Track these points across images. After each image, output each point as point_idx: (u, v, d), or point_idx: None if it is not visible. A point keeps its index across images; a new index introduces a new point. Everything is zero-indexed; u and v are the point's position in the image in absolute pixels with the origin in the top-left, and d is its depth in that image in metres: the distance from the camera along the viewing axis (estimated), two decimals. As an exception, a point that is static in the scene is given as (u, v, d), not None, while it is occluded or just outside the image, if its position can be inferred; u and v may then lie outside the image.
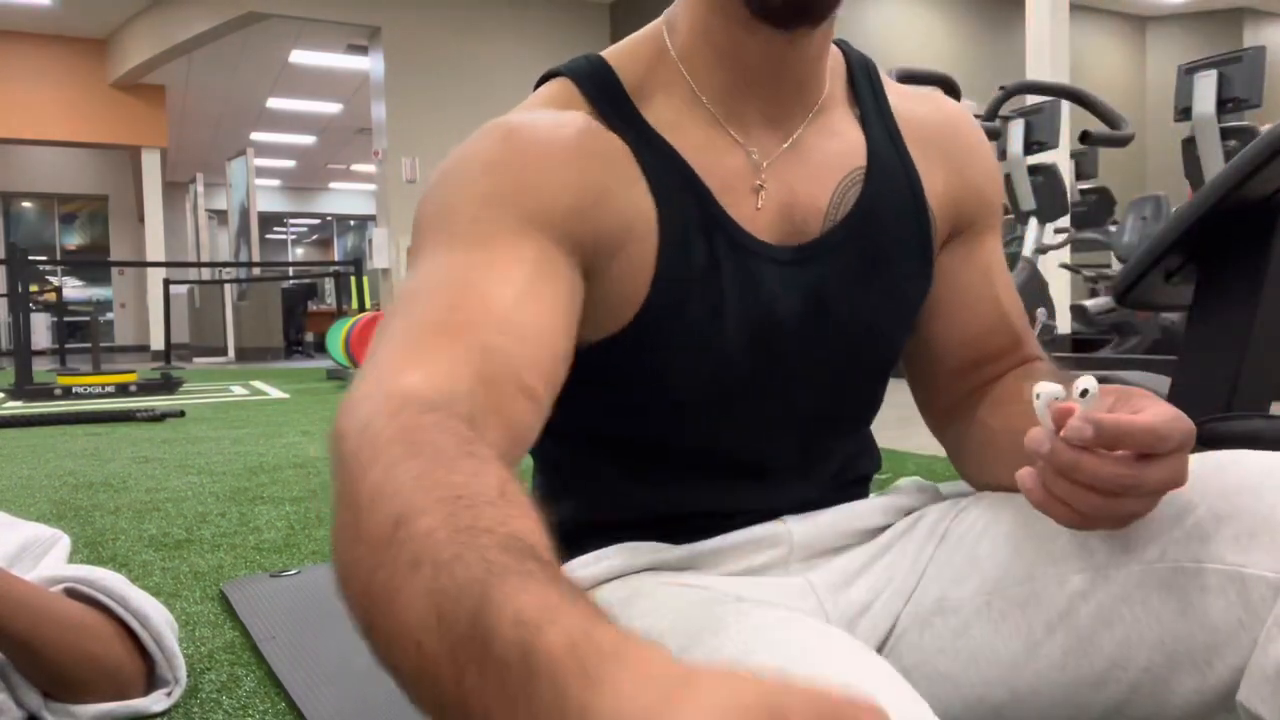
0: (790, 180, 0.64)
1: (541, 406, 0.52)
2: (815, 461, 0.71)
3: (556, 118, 0.62)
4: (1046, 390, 0.50)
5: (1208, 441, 1.11)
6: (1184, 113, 4.07)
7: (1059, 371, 0.71)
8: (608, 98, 0.63)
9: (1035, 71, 6.00)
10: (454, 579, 0.30)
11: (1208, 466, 0.56)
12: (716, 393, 0.64)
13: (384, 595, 0.32)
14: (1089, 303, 4.97)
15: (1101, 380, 0.75)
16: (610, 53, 0.67)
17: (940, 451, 0.80)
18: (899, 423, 0.75)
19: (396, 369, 0.49)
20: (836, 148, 0.66)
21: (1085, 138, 1.53)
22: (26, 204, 15.40)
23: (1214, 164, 3.92)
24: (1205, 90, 3.94)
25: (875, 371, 0.72)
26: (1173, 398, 1.33)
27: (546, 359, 0.53)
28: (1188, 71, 4.06)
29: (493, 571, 0.29)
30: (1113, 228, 5.54)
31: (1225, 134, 3.96)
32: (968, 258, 0.73)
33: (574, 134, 0.60)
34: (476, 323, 0.51)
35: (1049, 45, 5.95)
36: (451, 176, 0.59)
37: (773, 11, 0.57)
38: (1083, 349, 5.29)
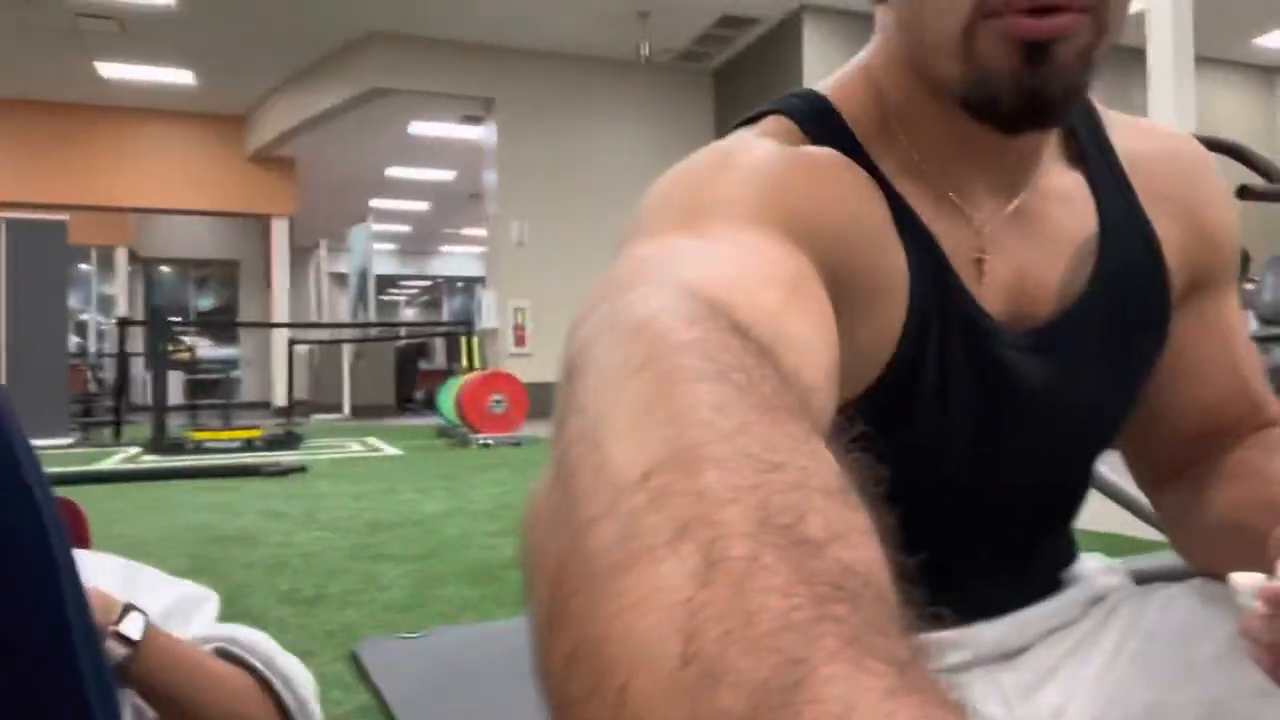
0: (1017, 253, 0.59)
1: (829, 406, 0.39)
2: (1018, 560, 0.66)
3: (808, 146, 0.56)
4: (1244, 584, 0.47)
5: None
6: (1330, 166, 3.85)
7: None
8: (840, 144, 0.56)
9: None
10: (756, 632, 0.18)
11: None
12: (929, 477, 0.58)
13: (620, 596, 0.20)
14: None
15: None
16: (828, 91, 0.61)
17: (1113, 529, 0.75)
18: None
19: (683, 274, 0.37)
20: (1065, 214, 0.60)
21: (1244, 193, 1.45)
22: (165, 269, 16.48)
23: (1367, 219, 3.69)
24: (1354, 142, 3.72)
25: (1094, 457, 0.67)
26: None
27: (828, 361, 0.40)
28: (1332, 123, 3.85)
29: (815, 642, 0.18)
30: (1249, 286, 5.25)
31: (1378, 187, 3.72)
32: (1202, 317, 0.66)
33: (837, 159, 0.55)
34: (753, 285, 0.38)
35: (1173, 100, 5.75)
36: (694, 177, 0.51)
37: (998, 118, 0.52)
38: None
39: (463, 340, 8.25)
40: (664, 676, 0.18)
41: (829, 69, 0.63)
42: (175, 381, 13.00)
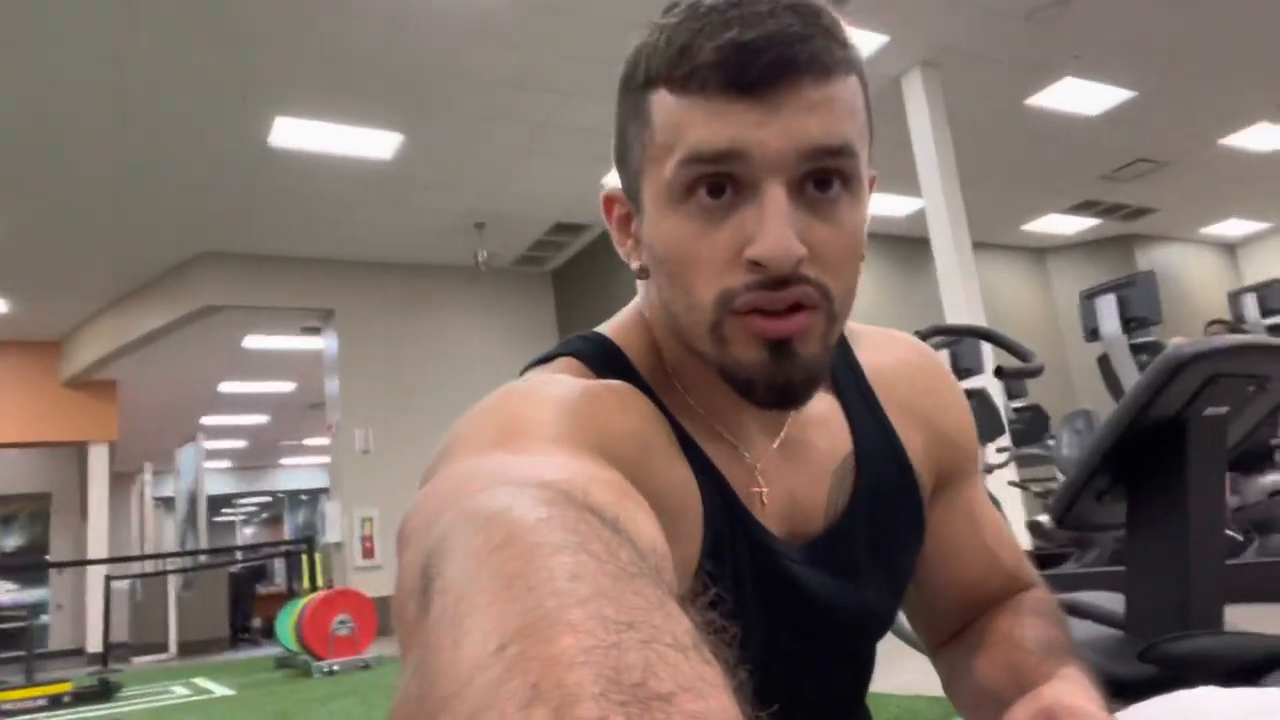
0: (787, 480, 0.65)
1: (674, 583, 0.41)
2: None
3: (603, 380, 0.60)
4: None
5: (1162, 662, 1.11)
6: (1093, 333, 4.37)
7: (1050, 600, 0.73)
8: (629, 381, 0.61)
9: (950, 307, 6.43)
10: None
11: (1171, 712, 0.57)
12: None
13: None
14: (1043, 518, 5.03)
15: (1065, 605, 0.77)
16: (612, 334, 0.66)
17: (922, 690, 0.80)
18: (878, 663, 0.75)
19: (523, 475, 0.38)
20: (823, 438, 0.67)
21: (999, 373, 1.65)
22: (-36, 507, 14.96)
23: (1129, 378, 4.16)
24: (1108, 313, 4.26)
25: (873, 644, 0.73)
26: (1128, 618, 1.34)
27: (666, 549, 0.41)
28: (1088, 297, 4.40)
29: None
30: (1051, 442, 5.74)
31: (1135, 350, 4.24)
32: (951, 508, 0.74)
33: (631, 390, 0.59)
34: (588, 484, 0.38)
35: (960, 281, 6.43)
36: (502, 408, 0.52)
37: (752, 400, 0.58)
38: (1046, 565, 5.28)
39: (304, 558, 7.80)
40: None
41: None
42: (-31, 635, 11.53)
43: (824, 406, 0.68)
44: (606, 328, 0.68)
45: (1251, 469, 4.03)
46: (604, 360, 0.64)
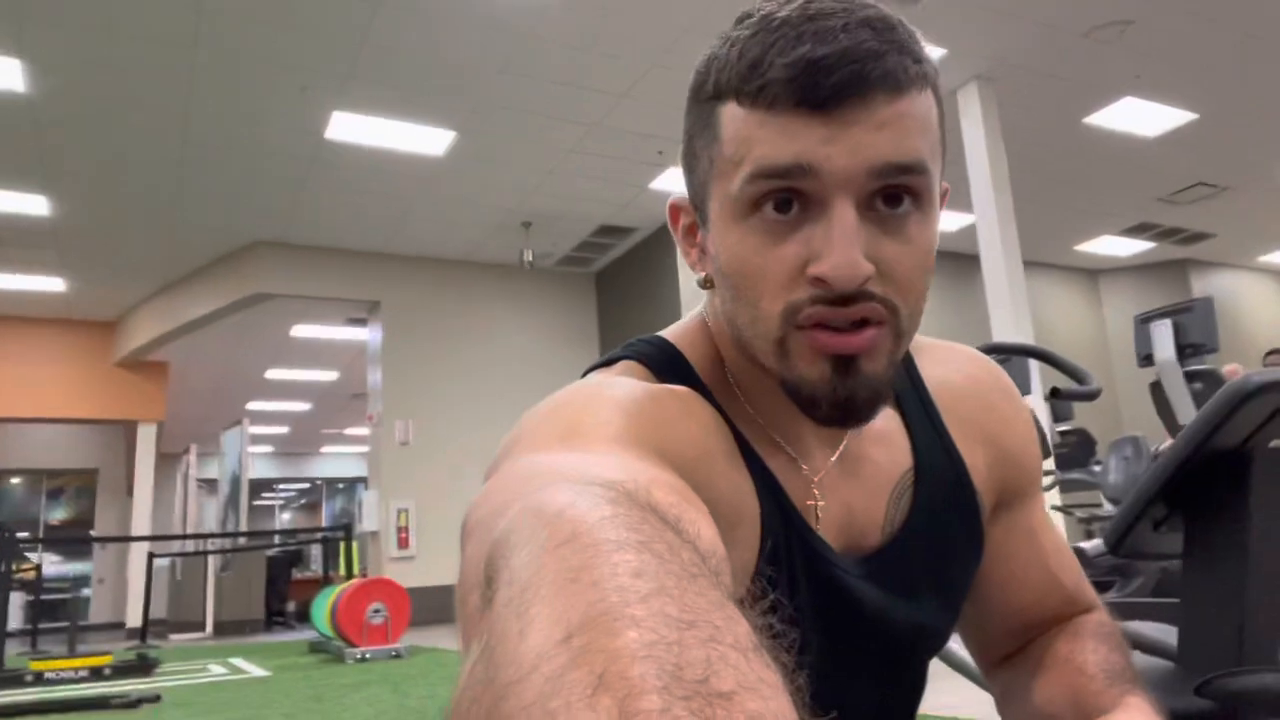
0: (845, 494, 0.65)
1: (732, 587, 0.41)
2: None
3: (666, 384, 0.60)
4: None
5: (1219, 698, 1.09)
6: (1146, 359, 4.29)
7: (1112, 624, 0.72)
8: (690, 386, 0.61)
9: (999, 326, 6.34)
10: None
11: None
12: None
13: None
14: (1087, 545, 4.93)
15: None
16: (674, 340, 0.66)
17: (961, 712, 0.80)
18: None
19: (586, 473, 0.38)
20: (883, 454, 0.67)
21: (1055, 394, 1.63)
22: (15, 479, 15.38)
23: (1183, 405, 4.08)
24: (1163, 338, 4.18)
25: (926, 661, 0.72)
26: (1182, 651, 1.32)
27: (724, 552, 0.41)
28: (1144, 321, 4.32)
29: None
30: (1096, 467, 5.64)
31: (1189, 377, 4.15)
32: (1012, 527, 0.73)
33: (693, 395, 0.59)
34: (649, 485, 0.38)
35: (1009, 301, 6.34)
36: (566, 406, 0.53)
37: (814, 417, 0.58)
38: (1086, 592, 5.20)
39: (341, 545, 7.91)
40: None
41: None
42: (15, 603, 11.86)
43: (885, 421, 0.68)
44: (669, 333, 0.68)
45: (1306, 504, 3.93)
46: (667, 365, 0.64)
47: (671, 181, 7.92)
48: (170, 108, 6.24)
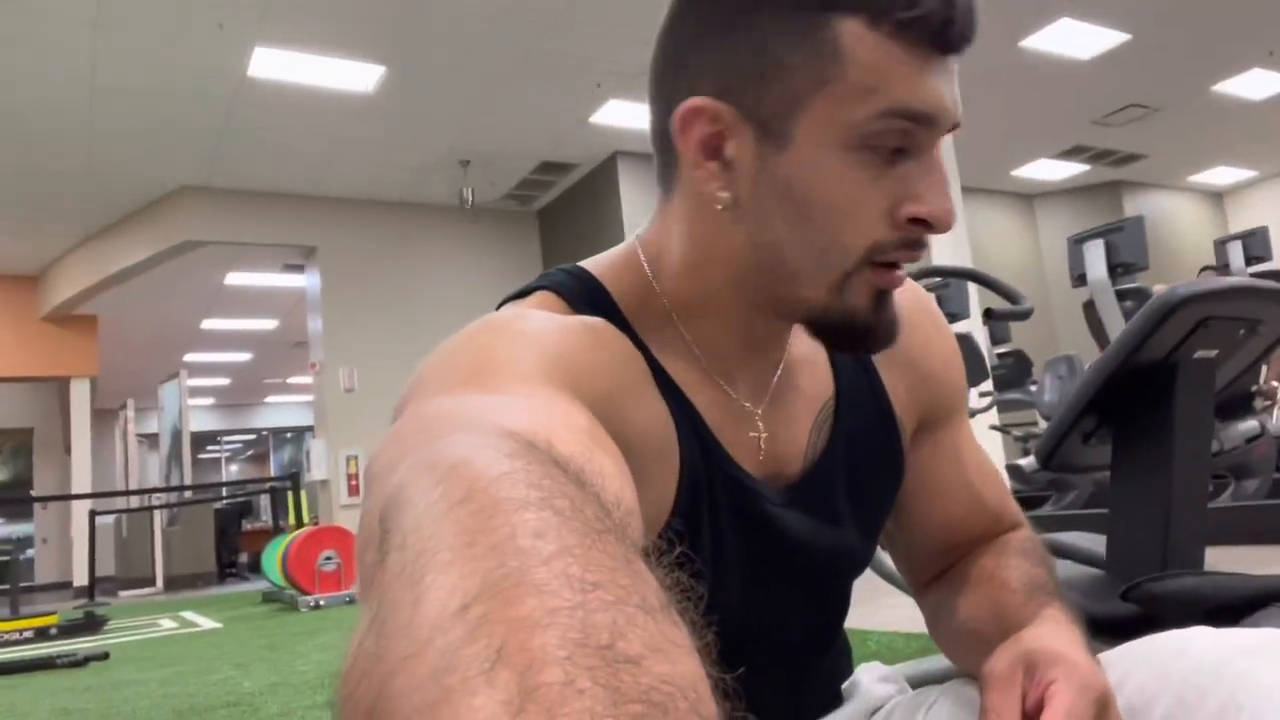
0: (770, 422, 0.65)
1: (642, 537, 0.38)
2: (795, 677, 0.70)
3: (581, 316, 0.58)
4: None
5: (1143, 601, 1.13)
6: (1080, 279, 4.37)
7: (1035, 540, 0.73)
8: (608, 318, 0.59)
9: (938, 252, 6.41)
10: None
11: (1161, 651, 0.57)
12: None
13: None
14: (1023, 462, 5.09)
15: (1050, 545, 0.78)
16: (595, 270, 0.64)
17: (900, 627, 0.81)
18: (856, 601, 0.75)
19: (489, 420, 0.36)
20: (807, 380, 0.67)
21: (989, 314, 1.65)
22: (-54, 443, 14.90)
23: (1114, 324, 4.18)
24: (1095, 258, 4.26)
25: (849, 584, 0.73)
26: (1110, 558, 1.36)
27: (634, 498, 0.39)
28: (1077, 242, 4.39)
29: None
30: (1033, 387, 5.78)
31: (1120, 295, 4.25)
32: (935, 447, 0.74)
33: (609, 328, 0.57)
34: (557, 429, 0.38)
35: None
36: (474, 343, 0.50)
37: (863, 348, 0.60)
38: (1025, 507, 5.37)
39: (290, 495, 7.83)
40: None
41: (643, 204, 0.69)
42: (-46, 568, 11.59)
43: (808, 348, 0.67)
44: (591, 263, 0.65)
45: (1230, 415, 4.08)
46: (584, 296, 0.61)
47: (612, 114, 7.78)
48: (79, 47, 5.90)
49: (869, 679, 0.76)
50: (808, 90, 0.53)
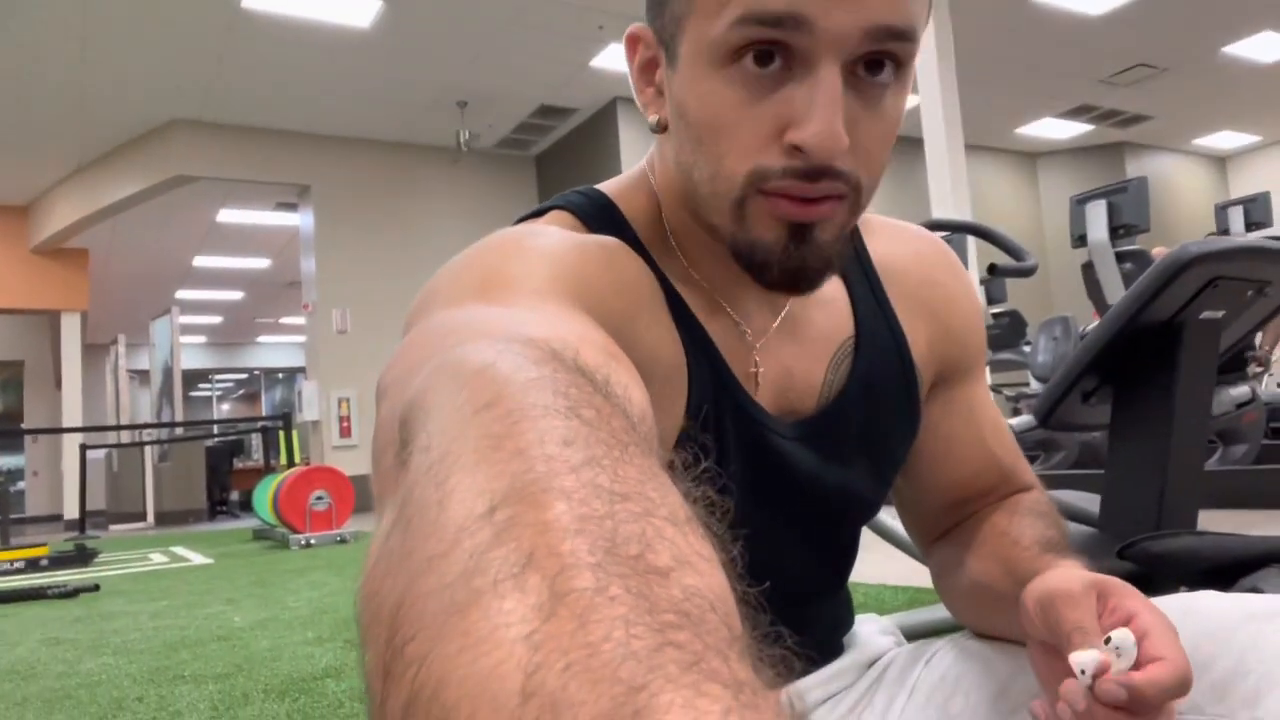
0: (784, 356, 0.63)
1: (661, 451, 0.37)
2: (794, 626, 0.69)
3: (596, 235, 0.57)
4: (1084, 662, 0.49)
5: (1142, 560, 1.13)
6: (1080, 239, 4.34)
7: (1047, 501, 0.72)
8: (623, 238, 0.59)
9: (939, 207, 6.36)
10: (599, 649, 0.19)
11: (1168, 613, 0.56)
12: None
13: (465, 616, 0.20)
14: (1014, 421, 5.10)
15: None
16: (611, 192, 0.63)
17: (889, 580, 0.80)
18: None
19: (508, 329, 0.35)
20: (825, 319, 0.66)
21: (993, 270, 1.63)
22: (-65, 373, 14.85)
23: (1112, 285, 4.16)
24: (1097, 218, 4.22)
25: (857, 528, 0.72)
26: (1104, 517, 1.36)
27: (651, 414, 0.38)
28: (1079, 202, 4.35)
29: (657, 670, 0.18)
30: (1026, 348, 5.78)
31: (1120, 257, 4.22)
32: (950, 404, 0.73)
33: (623, 248, 0.56)
34: (574, 341, 0.35)
35: (949, 183, 6.34)
36: (486, 257, 0.49)
37: (763, 281, 0.55)
38: (1013, 466, 5.41)
39: (281, 435, 7.84)
40: (503, 716, 0.17)
41: (643, 151, 0.66)
42: (-55, 498, 11.62)
43: (830, 289, 0.66)
44: (606, 185, 0.64)
45: (1222, 380, 4.09)
46: (599, 216, 0.60)
47: (613, 58, 7.64)
48: (68, -30, 5.76)
49: (868, 631, 0.75)
50: (685, 7, 0.53)
